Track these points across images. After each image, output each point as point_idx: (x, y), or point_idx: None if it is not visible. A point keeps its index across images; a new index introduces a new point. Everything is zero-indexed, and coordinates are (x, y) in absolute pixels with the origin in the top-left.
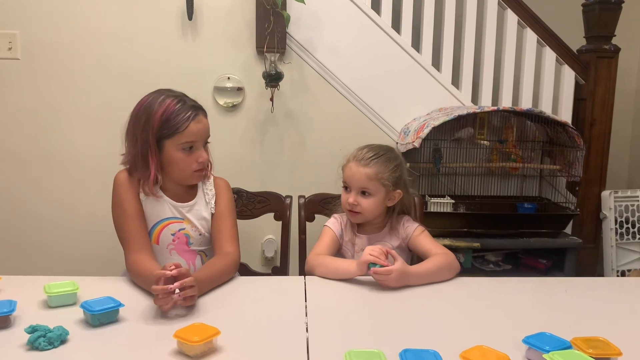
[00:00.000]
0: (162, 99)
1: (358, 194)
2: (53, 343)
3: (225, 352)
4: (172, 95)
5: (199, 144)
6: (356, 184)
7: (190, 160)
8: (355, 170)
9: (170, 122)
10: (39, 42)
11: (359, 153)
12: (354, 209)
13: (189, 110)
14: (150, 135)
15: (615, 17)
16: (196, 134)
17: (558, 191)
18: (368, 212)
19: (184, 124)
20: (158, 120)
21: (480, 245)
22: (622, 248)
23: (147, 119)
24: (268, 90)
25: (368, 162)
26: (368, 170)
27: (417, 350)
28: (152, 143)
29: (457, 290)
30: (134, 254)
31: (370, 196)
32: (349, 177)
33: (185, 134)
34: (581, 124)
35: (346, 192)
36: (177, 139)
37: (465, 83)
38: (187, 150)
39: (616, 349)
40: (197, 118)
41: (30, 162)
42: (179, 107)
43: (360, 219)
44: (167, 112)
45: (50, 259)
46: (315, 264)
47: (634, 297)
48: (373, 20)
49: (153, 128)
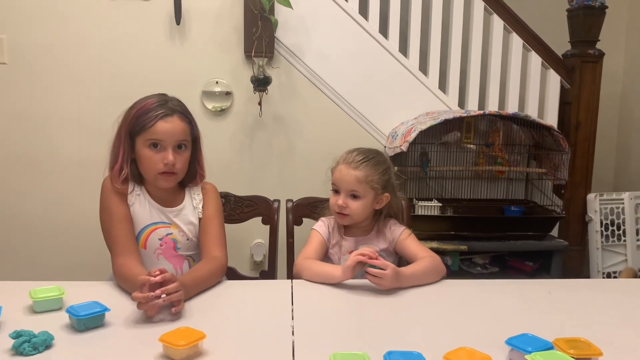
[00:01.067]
0: (145, 98)
1: (347, 196)
2: (38, 348)
3: (211, 355)
4: (158, 97)
5: (166, 144)
6: (345, 187)
7: (156, 159)
8: (345, 172)
9: (141, 118)
10: (26, 46)
11: (348, 156)
12: (342, 211)
13: (162, 109)
14: (123, 129)
15: (599, 22)
16: (162, 133)
17: (544, 194)
18: (356, 215)
19: (151, 121)
20: (132, 115)
21: (467, 248)
22: (608, 250)
23: (126, 115)
24: (256, 94)
25: (358, 165)
26: (358, 173)
27: (402, 352)
28: (123, 136)
29: (441, 292)
30: (121, 258)
31: (359, 199)
32: (338, 180)
33: (151, 130)
34: (567, 127)
35: (335, 195)
36: (144, 135)
37: (452, 87)
38: (152, 149)
39: (597, 350)
40: (168, 118)
41: (17, 166)
42: (154, 106)
43: (348, 221)
44: (142, 109)
45: (35, 265)
46: (302, 268)
47: (616, 298)
48: (361, 25)
49: (127, 123)
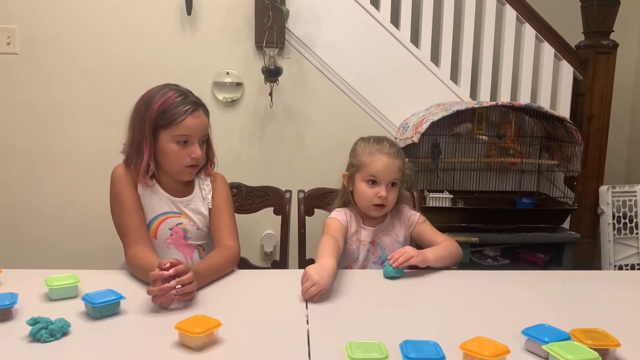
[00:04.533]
0: (165, 91)
1: (388, 186)
2: (55, 335)
3: (227, 343)
4: (176, 89)
5: (194, 139)
6: (389, 177)
7: (183, 154)
8: (390, 162)
9: (168, 113)
10: (38, 37)
11: (383, 147)
12: (384, 202)
13: (188, 104)
14: (147, 124)
15: (614, 13)
16: (192, 128)
17: (556, 186)
18: (392, 204)
19: (180, 117)
20: (156, 109)
21: (478, 240)
22: (620, 243)
23: (146, 107)
24: (267, 85)
25: (396, 154)
26: (399, 162)
27: (417, 341)
28: (147, 131)
29: (456, 282)
30: (133, 247)
31: (395, 187)
32: (381, 171)
33: (181, 126)
34: (579, 119)
35: (372, 186)
36: (172, 131)
37: (463, 78)
38: (181, 144)
39: (615, 340)
40: (196, 113)
41: (29, 157)
42: (179, 100)
43: (384, 211)
44: (167, 103)
45: (49, 255)
46: (321, 242)
47: (631, 290)
48: (372, 16)
49: (150, 117)
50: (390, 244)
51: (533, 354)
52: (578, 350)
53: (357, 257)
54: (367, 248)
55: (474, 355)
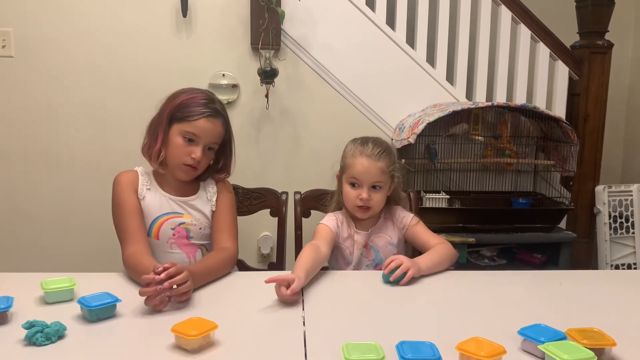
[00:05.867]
0: (196, 92)
1: (369, 189)
2: (50, 338)
3: (223, 346)
4: (207, 95)
5: (200, 141)
6: (370, 179)
7: (185, 151)
8: (370, 165)
9: (187, 109)
10: (33, 39)
11: (364, 148)
12: (366, 204)
13: (208, 109)
14: (166, 111)
15: (608, 13)
16: (202, 130)
17: (552, 186)
18: (378, 206)
19: (196, 115)
20: (179, 102)
21: (475, 240)
22: (616, 242)
23: (173, 97)
24: (263, 87)
25: (379, 156)
26: (381, 164)
27: (414, 342)
28: (165, 119)
29: (453, 283)
30: (130, 248)
31: (380, 190)
32: (361, 173)
33: (193, 124)
34: (575, 119)
35: (355, 188)
36: (183, 125)
37: (459, 79)
38: (186, 140)
39: (610, 340)
40: (212, 119)
41: (25, 159)
42: (202, 102)
43: (370, 213)
44: (190, 101)
45: (45, 258)
46: (302, 252)
47: (627, 289)
48: (367, 17)
49: (172, 106)
50: (383, 246)
51: (529, 354)
52: (574, 350)
53: (351, 261)
54: (361, 252)
55: (470, 356)
